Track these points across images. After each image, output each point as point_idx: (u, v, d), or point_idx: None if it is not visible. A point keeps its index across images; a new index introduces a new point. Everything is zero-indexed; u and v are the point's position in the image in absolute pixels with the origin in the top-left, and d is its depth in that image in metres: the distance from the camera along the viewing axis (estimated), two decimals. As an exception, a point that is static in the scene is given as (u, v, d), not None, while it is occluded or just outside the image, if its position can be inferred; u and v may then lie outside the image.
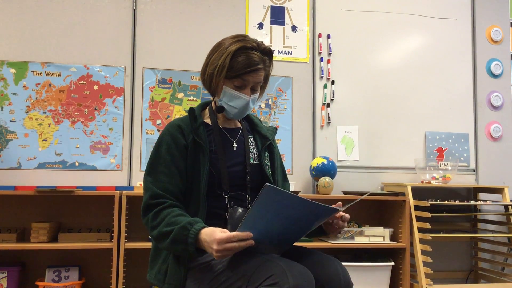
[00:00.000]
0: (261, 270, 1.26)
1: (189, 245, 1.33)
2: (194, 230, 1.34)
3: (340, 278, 1.39)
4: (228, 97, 1.55)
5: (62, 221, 2.99)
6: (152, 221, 1.44)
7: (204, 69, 1.59)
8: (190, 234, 1.33)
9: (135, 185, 3.06)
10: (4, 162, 2.99)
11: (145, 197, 1.49)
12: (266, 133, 1.69)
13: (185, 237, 1.34)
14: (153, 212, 1.44)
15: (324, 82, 3.43)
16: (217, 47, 1.56)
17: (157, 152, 1.52)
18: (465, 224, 3.53)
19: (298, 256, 1.47)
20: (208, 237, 1.30)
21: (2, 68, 3.04)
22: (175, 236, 1.36)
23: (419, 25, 3.62)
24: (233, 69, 1.50)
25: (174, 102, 3.22)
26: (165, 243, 1.39)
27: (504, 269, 3.37)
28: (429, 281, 2.92)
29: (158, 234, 1.41)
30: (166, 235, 1.38)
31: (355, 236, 3.04)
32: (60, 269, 2.80)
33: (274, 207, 1.26)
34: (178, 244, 1.36)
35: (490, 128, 3.65)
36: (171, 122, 1.58)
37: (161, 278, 1.48)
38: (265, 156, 1.64)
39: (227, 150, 1.57)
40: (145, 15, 3.23)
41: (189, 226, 1.35)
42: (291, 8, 3.47)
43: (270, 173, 1.63)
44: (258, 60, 1.51)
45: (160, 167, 1.50)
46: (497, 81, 3.70)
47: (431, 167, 3.35)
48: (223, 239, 1.25)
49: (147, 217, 1.46)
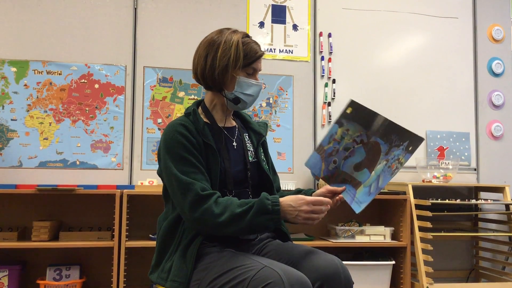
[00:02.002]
0: (259, 276, 1.26)
1: (274, 212, 1.36)
2: (275, 198, 1.37)
3: (340, 277, 1.39)
4: (244, 87, 1.55)
5: (63, 219, 3.00)
6: (216, 209, 1.38)
7: (210, 67, 1.53)
8: (272, 202, 1.36)
9: (136, 183, 3.06)
10: (5, 161, 2.99)
11: (192, 193, 1.40)
12: (259, 129, 1.71)
13: (268, 206, 1.36)
14: (213, 201, 1.39)
15: (325, 81, 3.43)
16: (214, 42, 1.55)
17: (176, 155, 1.46)
18: (466, 223, 3.52)
19: (298, 255, 1.47)
20: (294, 201, 1.37)
21: (3, 66, 3.04)
22: (257, 209, 1.36)
23: (420, 24, 3.62)
24: (248, 56, 1.54)
25: (175, 101, 3.22)
26: (243, 222, 1.36)
27: (505, 268, 3.37)
28: (430, 280, 2.92)
29: (230, 217, 1.37)
30: (243, 214, 1.36)
31: (356, 235, 3.04)
32: (61, 267, 2.80)
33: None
34: (261, 216, 1.36)
35: (491, 127, 3.64)
36: (174, 123, 1.52)
37: (164, 276, 1.47)
38: (261, 153, 1.67)
39: (229, 150, 1.58)
40: (146, 13, 3.23)
41: (267, 197, 1.38)
42: (292, 7, 3.46)
43: (267, 168, 1.66)
44: (259, 46, 1.59)
45: (186, 168, 1.45)
46: (498, 80, 3.70)
47: (432, 166, 3.35)
48: (315, 200, 1.36)
49: (205, 207, 1.38)
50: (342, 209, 3.27)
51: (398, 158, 1.48)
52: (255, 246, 1.58)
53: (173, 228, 1.51)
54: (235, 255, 1.39)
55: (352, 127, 1.48)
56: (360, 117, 1.47)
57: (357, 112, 1.47)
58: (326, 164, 1.50)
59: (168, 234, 1.51)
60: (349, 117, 1.47)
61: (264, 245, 1.60)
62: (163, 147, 1.50)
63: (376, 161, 1.47)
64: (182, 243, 1.47)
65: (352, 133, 1.48)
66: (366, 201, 1.46)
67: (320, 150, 1.50)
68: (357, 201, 1.47)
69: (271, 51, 3.40)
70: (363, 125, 1.47)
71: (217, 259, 1.40)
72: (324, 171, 1.51)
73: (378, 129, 1.46)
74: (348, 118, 1.47)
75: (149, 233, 2.93)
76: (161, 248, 1.52)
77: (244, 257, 1.37)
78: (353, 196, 1.48)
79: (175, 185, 1.44)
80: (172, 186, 1.46)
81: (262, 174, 1.62)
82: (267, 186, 1.62)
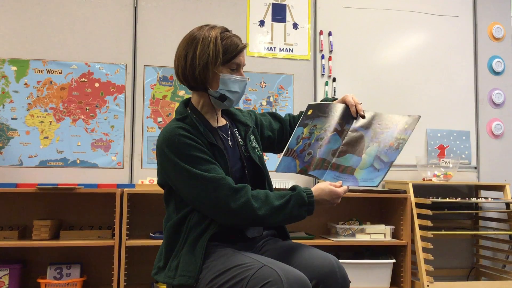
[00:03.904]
0: (258, 275, 1.27)
1: (310, 204, 1.46)
2: (309, 191, 1.48)
3: (336, 275, 1.39)
4: (228, 84, 1.51)
5: (64, 218, 3.00)
6: (255, 202, 1.41)
7: (190, 66, 1.49)
8: (308, 195, 1.46)
9: (136, 182, 3.06)
10: (6, 160, 3.00)
11: (225, 187, 1.41)
12: (245, 120, 1.68)
13: (305, 198, 1.45)
14: (250, 194, 1.42)
15: (325, 80, 3.43)
16: (192, 40, 1.50)
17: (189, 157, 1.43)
18: (466, 222, 3.52)
19: (294, 253, 1.48)
20: (328, 196, 1.49)
21: (3, 65, 3.04)
22: (295, 202, 1.44)
23: (420, 22, 3.62)
24: (228, 51, 1.49)
25: (175, 99, 3.22)
26: (283, 213, 1.43)
27: (506, 267, 3.37)
28: (430, 279, 2.93)
29: (270, 210, 1.42)
30: (283, 206, 1.43)
31: (356, 233, 3.04)
32: (62, 266, 2.80)
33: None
34: (299, 208, 1.45)
35: (492, 126, 3.64)
36: (172, 128, 1.47)
37: (172, 274, 1.45)
38: (250, 142, 1.63)
39: (227, 149, 1.57)
40: (146, 12, 3.23)
41: (303, 190, 1.47)
42: (292, 5, 3.46)
43: (261, 154, 1.65)
44: (240, 39, 1.55)
45: (205, 166, 1.43)
46: (498, 78, 3.70)
47: (432, 164, 3.35)
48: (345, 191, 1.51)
49: (243, 201, 1.40)
50: (342, 209, 3.28)
51: (395, 137, 1.60)
52: (255, 245, 1.59)
53: (178, 228, 1.49)
54: (235, 254, 1.39)
55: (319, 122, 1.55)
56: (322, 111, 1.56)
57: (319, 109, 1.55)
58: (300, 159, 1.54)
59: (173, 234, 1.50)
60: (311, 116, 1.54)
61: (264, 243, 1.61)
62: (169, 154, 1.44)
63: (361, 146, 1.60)
64: (189, 239, 1.45)
65: (321, 125, 1.56)
66: (376, 176, 1.58)
67: (289, 153, 1.52)
68: (364, 180, 1.57)
69: (272, 50, 3.40)
70: (328, 115, 1.57)
71: (217, 258, 1.40)
72: (299, 165, 1.55)
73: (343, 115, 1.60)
74: (310, 117, 1.53)
75: (149, 231, 2.94)
76: (167, 249, 1.50)
77: (243, 256, 1.37)
78: (353, 179, 1.58)
79: (199, 185, 1.41)
80: (195, 188, 1.42)
81: (256, 167, 1.61)
82: (261, 178, 1.61)
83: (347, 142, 1.60)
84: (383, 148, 1.59)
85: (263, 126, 1.76)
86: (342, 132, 1.60)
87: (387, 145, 1.59)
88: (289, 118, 1.84)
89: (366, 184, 1.57)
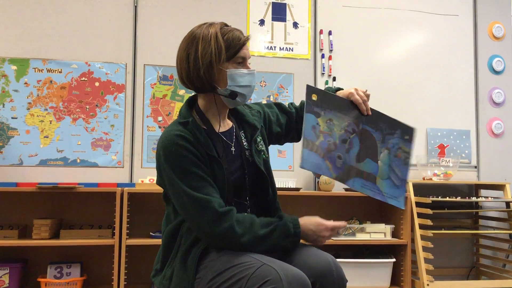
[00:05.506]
0: (258, 274, 1.27)
1: (295, 235, 1.43)
2: (295, 221, 1.45)
3: (333, 274, 1.39)
4: (237, 78, 1.45)
5: (64, 217, 3.00)
6: (238, 229, 1.37)
7: (194, 67, 1.44)
8: (294, 226, 1.44)
9: (136, 181, 3.06)
10: (6, 159, 3.00)
11: (210, 211, 1.37)
12: (253, 121, 1.60)
13: (291, 229, 1.43)
14: (234, 219, 1.38)
15: (326, 79, 3.43)
16: (192, 40, 1.45)
17: (182, 170, 1.39)
18: (466, 221, 3.52)
19: (292, 252, 1.48)
20: (315, 226, 1.46)
21: (4, 65, 3.04)
22: (280, 233, 1.42)
23: (421, 22, 3.62)
24: (231, 46, 1.44)
25: (175, 99, 3.22)
26: (266, 243, 1.41)
27: (506, 266, 3.38)
28: (430, 278, 2.93)
29: (253, 239, 1.39)
30: (266, 236, 1.41)
31: (356, 232, 3.04)
32: (62, 265, 2.80)
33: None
34: (283, 239, 1.43)
35: (492, 125, 3.64)
36: (171, 134, 1.42)
37: (166, 283, 1.45)
38: (256, 145, 1.58)
39: (228, 157, 1.51)
40: (146, 11, 3.23)
41: (289, 220, 1.44)
42: (292, 5, 3.46)
43: (266, 157, 1.60)
44: (241, 32, 1.49)
45: (196, 183, 1.39)
46: (498, 77, 3.70)
47: (432, 163, 3.35)
48: (334, 226, 1.48)
49: (226, 226, 1.37)
50: (342, 208, 3.28)
51: (400, 147, 1.56)
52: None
53: (175, 232, 1.49)
54: (234, 253, 1.39)
55: (335, 117, 1.50)
56: (331, 104, 1.50)
57: (326, 99, 1.49)
58: (331, 162, 1.46)
59: (171, 237, 1.49)
60: (320, 105, 1.47)
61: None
62: (164, 162, 1.41)
63: (376, 150, 1.54)
64: (181, 248, 1.45)
65: (339, 123, 1.50)
66: (400, 194, 1.55)
67: (311, 146, 1.44)
68: (390, 196, 1.54)
69: (272, 49, 3.40)
70: (342, 112, 1.51)
71: (216, 258, 1.40)
72: (334, 171, 1.47)
73: (357, 115, 1.55)
74: (319, 106, 1.47)
75: (149, 231, 2.94)
76: (165, 252, 1.50)
77: (243, 255, 1.37)
78: (379, 191, 1.53)
79: (187, 202, 1.39)
80: (183, 202, 1.40)
81: (259, 173, 1.56)
82: (264, 185, 1.56)
83: (364, 145, 1.53)
84: (394, 159, 1.56)
85: (272, 122, 1.69)
86: (360, 134, 1.53)
87: (396, 156, 1.57)
88: (295, 110, 1.75)
89: (393, 203, 1.55)
